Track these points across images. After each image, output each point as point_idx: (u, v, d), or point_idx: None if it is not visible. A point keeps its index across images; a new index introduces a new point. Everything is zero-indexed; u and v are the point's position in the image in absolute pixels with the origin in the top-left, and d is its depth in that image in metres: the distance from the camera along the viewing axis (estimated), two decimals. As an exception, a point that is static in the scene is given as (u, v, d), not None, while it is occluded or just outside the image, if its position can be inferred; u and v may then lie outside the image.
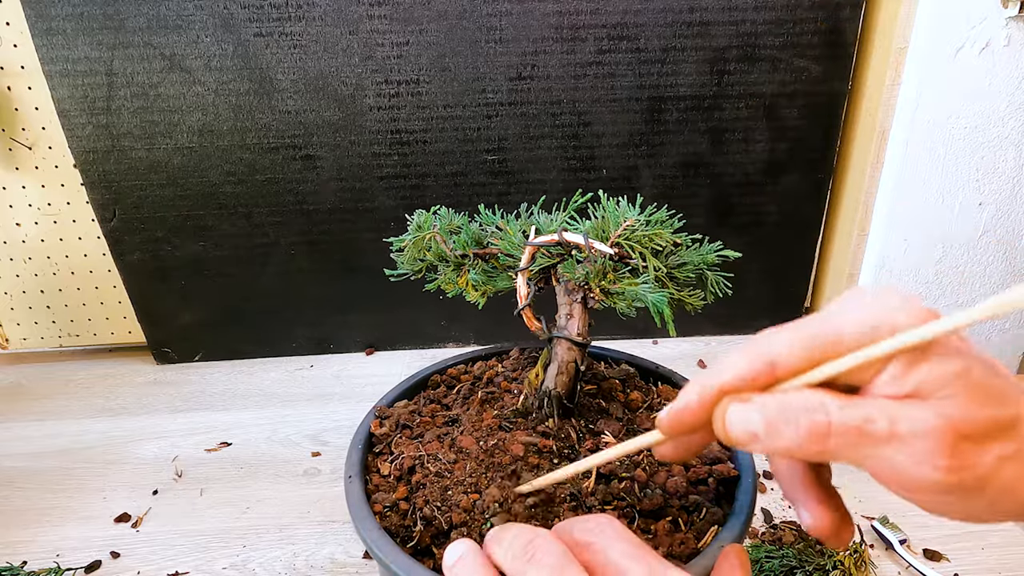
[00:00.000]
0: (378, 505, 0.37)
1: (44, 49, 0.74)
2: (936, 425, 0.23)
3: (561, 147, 0.84)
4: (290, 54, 0.77)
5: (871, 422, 0.24)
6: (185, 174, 0.82)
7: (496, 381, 0.48)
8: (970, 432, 0.23)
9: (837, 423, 0.24)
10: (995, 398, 0.24)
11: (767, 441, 0.26)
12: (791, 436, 0.25)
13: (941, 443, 0.23)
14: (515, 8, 0.77)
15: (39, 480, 0.68)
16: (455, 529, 0.35)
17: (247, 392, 0.86)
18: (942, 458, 0.23)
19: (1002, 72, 0.79)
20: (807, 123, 0.85)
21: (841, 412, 0.24)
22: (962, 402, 0.23)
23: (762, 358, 0.26)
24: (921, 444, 0.23)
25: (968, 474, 0.23)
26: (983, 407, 0.23)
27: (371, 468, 0.41)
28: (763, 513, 0.61)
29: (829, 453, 0.25)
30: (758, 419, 0.26)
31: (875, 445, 0.24)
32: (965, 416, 0.23)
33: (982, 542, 0.57)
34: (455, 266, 0.47)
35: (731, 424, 0.26)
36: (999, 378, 0.24)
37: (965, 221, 0.87)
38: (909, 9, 0.77)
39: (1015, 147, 0.83)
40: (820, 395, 0.25)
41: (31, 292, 0.91)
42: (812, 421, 0.25)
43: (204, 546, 0.59)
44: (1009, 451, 0.24)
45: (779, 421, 0.25)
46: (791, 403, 0.25)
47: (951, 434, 0.23)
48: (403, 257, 0.49)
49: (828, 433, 0.25)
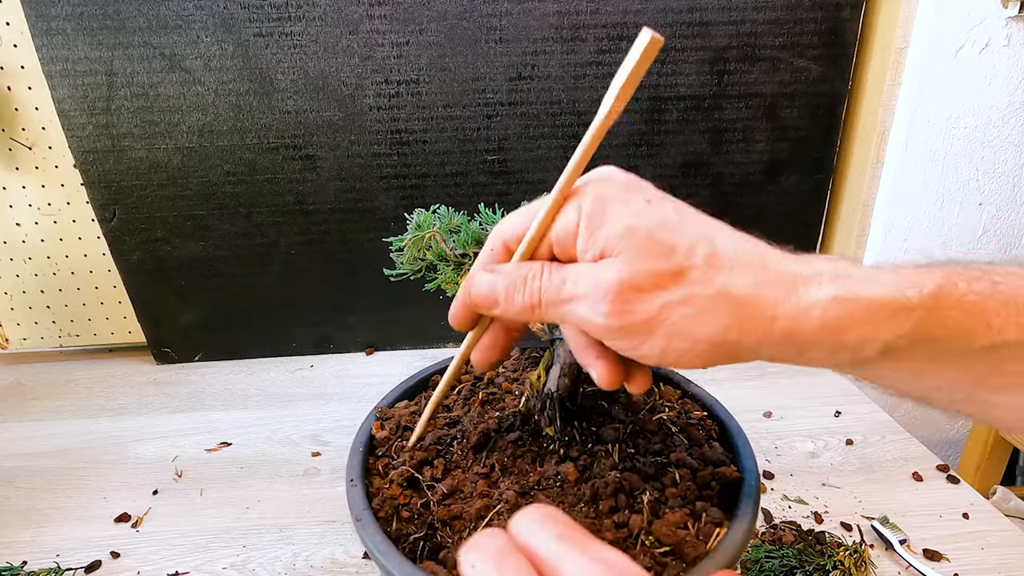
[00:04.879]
0: (381, 511, 0.37)
1: (44, 49, 0.74)
2: (601, 279, 0.27)
3: (561, 147, 0.84)
4: (290, 54, 0.77)
5: (564, 283, 0.29)
6: (185, 174, 0.82)
7: (497, 382, 0.48)
8: (634, 283, 0.27)
9: (545, 287, 0.29)
10: (660, 253, 0.27)
11: (505, 305, 0.30)
12: (520, 301, 0.30)
13: (606, 294, 0.27)
14: (515, 8, 0.77)
15: (39, 480, 0.68)
16: (455, 534, 0.35)
17: (247, 392, 0.86)
18: (604, 305, 0.27)
19: (1002, 72, 0.79)
20: (807, 123, 0.85)
21: (549, 279, 0.29)
22: (629, 257, 0.27)
23: (497, 236, 0.32)
24: (592, 297, 0.28)
25: (631, 318, 0.27)
26: (646, 261, 0.27)
27: (372, 471, 0.41)
28: (763, 513, 0.61)
29: (543, 314, 0.30)
30: (500, 285, 0.30)
31: (567, 303, 0.29)
32: (628, 270, 0.27)
33: (982, 542, 0.57)
34: (455, 265, 0.47)
35: (477, 288, 0.31)
36: (670, 231, 0.28)
37: (965, 221, 0.87)
38: (909, 9, 0.77)
39: (1015, 147, 0.83)
40: (539, 265, 0.30)
41: (31, 292, 0.91)
42: (531, 288, 0.29)
43: (204, 546, 0.59)
44: (676, 297, 0.27)
45: (513, 288, 0.30)
46: (520, 271, 0.30)
47: (615, 285, 0.27)
48: (402, 257, 0.49)
49: (539, 297, 0.29)
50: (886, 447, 0.71)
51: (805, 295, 0.26)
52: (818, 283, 0.26)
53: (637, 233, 0.27)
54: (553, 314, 0.29)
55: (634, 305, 0.27)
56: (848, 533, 0.58)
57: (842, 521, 0.60)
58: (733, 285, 0.26)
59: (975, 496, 0.63)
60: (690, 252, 0.27)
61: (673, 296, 0.27)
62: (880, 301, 0.26)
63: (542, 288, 0.29)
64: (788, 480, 0.66)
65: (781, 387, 0.83)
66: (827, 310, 0.26)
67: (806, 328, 0.26)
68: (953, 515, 0.61)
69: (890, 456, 0.69)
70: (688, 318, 0.27)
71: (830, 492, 0.64)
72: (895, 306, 0.26)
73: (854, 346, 0.26)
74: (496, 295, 0.30)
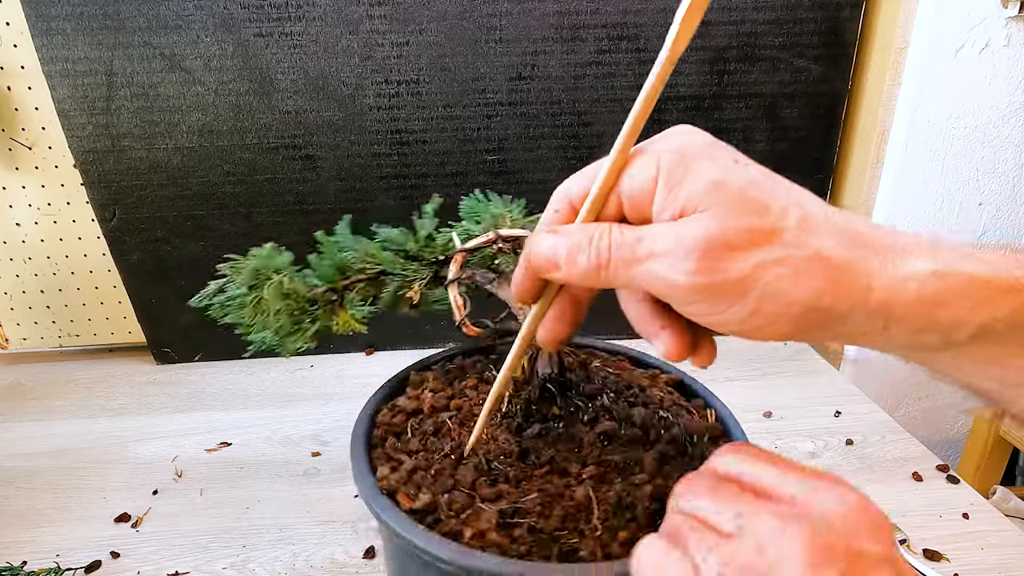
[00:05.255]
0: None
1: (44, 49, 0.74)
2: (685, 235, 0.25)
3: (561, 147, 0.84)
4: (290, 54, 0.77)
5: (639, 240, 0.27)
6: (185, 174, 0.82)
7: (445, 408, 0.45)
8: (725, 240, 0.25)
9: (616, 244, 0.27)
10: (753, 210, 0.25)
11: (567, 269, 0.28)
12: (584, 263, 0.28)
13: (692, 250, 0.25)
14: (515, 8, 0.77)
15: (39, 480, 0.68)
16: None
17: (247, 392, 0.86)
18: (691, 262, 0.25)
19: (1002, 72, 0.79)
20: (807, 123, 0.85)
21: (620, 236, 0.27)
22: (719, 212, 0.25)
23: (561, 196, 0.30)
24: (674, 254, 0.26)
25: (723, 276, 0.25)
26: (738, 218, 0.25)
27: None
28: (763, 513, 0.61)
29: (611, 278, 0.27)
30: (563, 245, 0.28)
31: (642, 262, 0.26)
32: (719, 225, 0.25)
33: (982, 542, 0.57)
34: (324, 305, 0.45)
35: (537, 249, 0.29)
36: (764, 190, 0.26)
37: (965, 221, 0.87)
38: (909, 9, 0.77)
39: (1015, 147, 0.83)
40: (607, 225, 0.28)
41: (31, 292, 0.91)
42: (598, 247, 0.27)
43: (204, 546, 0.59)
44: (770, 257, 0.25)
45: (576, 249, 0.28)
46: (586, 230, 0.28)
47: (703, 241, 0.25)
48: (242, 317, 0.44)
49: (608, 256, 0.27)
50: (886, 447, 0.71)
51: (902, 266, 0.25)
52: (915, 254, 0.25)
53: (727, 189, 0.25)
54: (623, 275, 0.27)
55: (725, 263, 0.25)
56: (848, 533, 0.58)
57: (842, 521, 0.60)
58: (828, 249, 0.25)
59: (975, 496, 0.63)
60: (783, 213, 0.25)
61: (768, 255, 0.25)
62: (983, 279, 0.24)
63: (612, 246, 0.27)
64: (788, 480, 0.66)
65: (781, 387, 0.83)
66: (925, 283, 0.24)
67: (902, 301, 0.25)
68: (953, 515, 0.61)
69: (890, 456, 0.69)
70: (783, 279, 0.25)
71: (830, 492, 0.64)
72: (1000, 285, 0.24)
73: (947, 325, 0.25)
74: (558, 257, 0.28)
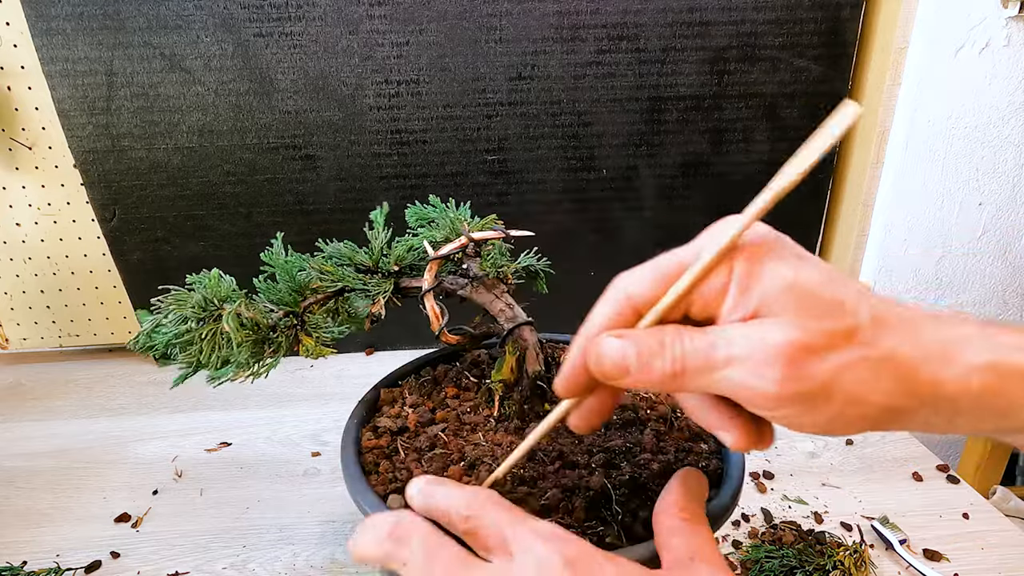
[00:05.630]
0: None
1: (44, 49, 0.74)
2: (765, 340, 0.24)
3: (561, 147, 0.84)
4: (290, 54, 0.77)
5: (714, 347, 0.26)
6: (185, 174, 0.82)
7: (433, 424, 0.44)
8: (806, 345, 0.24)
9: (690, 351, 0.26)
10: (829, 310, 0.25)
11: (637, 375, 0.27)
12: (659, 370, 0.26)
13: (776, 357, 0.24)
14: (515, 8, 0.77)
15: (39, 480, 0.68)
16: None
17: (247, 392, 0.86)
18: (774, 371, 0.24)
19: (1002, 72, 0.79)
20: (807, 123, 0.85)
21: (692, 343, 0.26)
22: (794, 317, 0.25)
23: (620, 295, 0.28)
24: (754, 360, 0.25)
25: (806, 384, 0.24)
26: (815, 320, 0.24)
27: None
28: (763, 513, 0.61)
29: (686, 383, 0.26)
30: (632, 352, 0.27)
31: (719, 369, 0.25)
32: (798, 329, 0.24)
33: (982, 542, 0.57)
34: (283, 332, 0.45)
35: (605, 356, 0.27)
36: (835, 287, 0.25)
37: (965, 221, 0.87)
38: (909, 9, 0.77)
39: (1015, 147, 0.83)
40: (677, 328, 0.27)
41: (31, 292, 0.91)
42: (672, 354, 0.26)
43: (204, 546, 0.59)
44: (849, 359, 0.24)
45: (649, 355, 0.27)
46: (655, 335, 0.27)
47: (786, 347, 0.24)
48: (194, 354, 0.41)
49: (683, 364, 0.26)
50: (886, 447, 0.71)
51: (962, 359, 0.25)
52: (972, 347, 0.25)
53: (801, 289, 0.25)
54: (701, 383, 0.26)
55: (808, 369, 0.24)
56: (848, 533, 0.58)
57: (842, 521, 0.60)
58: (899, 347, 0.25)
59: (975, 496, 0.63)
60: (856, 310, 0.25)
61: (845, 358, 0.24)
62: None
63: (685, 353, 0.26)
64: (788, 480, 0.66)
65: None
66: (984, 377, 0.25)
67: (967, 395, 0.25)
68: (953, 515, 0.61)
69: (890, 456, 0.69)
70: (860, 383, 0.25)
71: (830, 492, 0.64)
72: None
73: (1006, 413, 0.25)
74: (628, 363, 0.27)
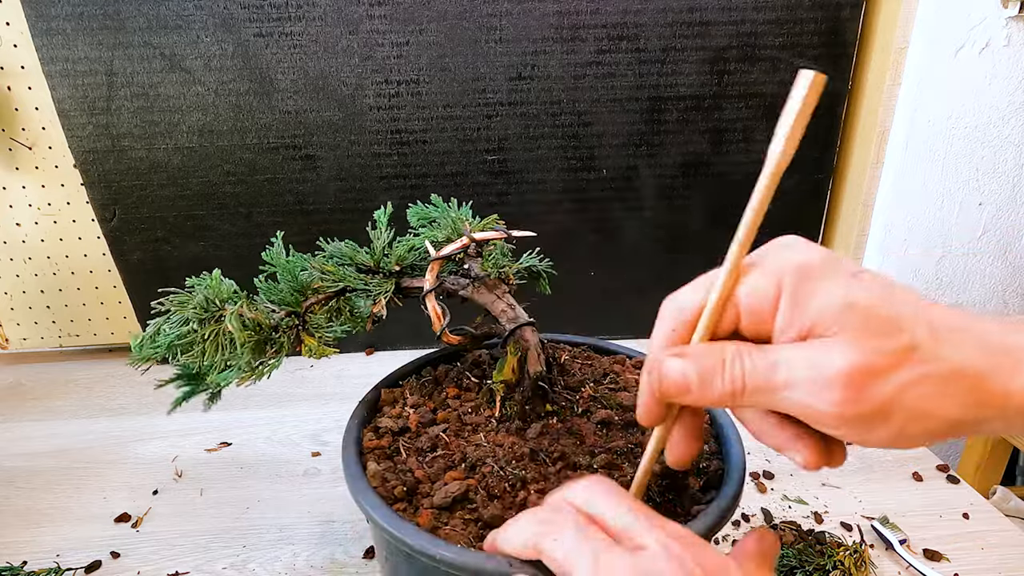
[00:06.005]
0: None
1: (44, 49, 0.74)
2: (826, 363, 0.24)
3: (561, 147, 0.84)
4: (290, 54, 0.77)
5: (774, 367, 0.26)
6: (185, 174, 0.82)
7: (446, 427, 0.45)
8: (866, 367, 0.24)
9: (749, 371, 0.26)
10: (885, 328, 0.24)
11: (698, 393, 0.27)
12: (719, 388, 0.27)
13: (835, 380, 0.24)
14: (515, 8, 0.77)
15: (39, 480, 0.68)
16: None
17: (247, 392, 0.85)
18: (835, 392, 0.24)
19: (1002, 72, 0.79)
20: (807, 123, 0.85)
21: (752, 362, 0.26)
22: (851, 337, 0.24)
23: (672, 310, 0.29)
24: (815, 382, 0.25)
25: (866, 406, 0.24)
26: (874, 340, 0.24)
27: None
28: (763, 513, 0.61)
29: (747, 401, 0.27)
30: (692, 371, 0.27)
31: (780, 390, 0.26)
32: (857, 352, 0.24)
33: (982, 542, 0.57)
34: (285, 332, 0.45)
35: (667, 376, 0.28)
36: (890, 304, 0.25)
37: (965, 221, 0.87)
38: (909, 9, 0.77)
39: (1015, 147, 0.83)
40: (737, 346, 0.27)
41: (31, 292, 0.91)
42: (732, 374, 0.26)
43: (204, 546, 0.59)
44: (911, 377, 0.24)
45: (710, 374, 0.27)
46: (715, 353, 0.27)
47: (846, 369, 0.24)
48: (197, 356, 0.41)
49: (743, 384, 0.26)
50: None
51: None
52: None
53: (858, 309, 0.25)
54: (762, 401, 0.27)
55: (869, 390, 0.24)
56: (848, 533, 0.58)
57: (842, 521, 0.60)
58: (964, 360, 0.25)
59: (975, 496, 0.63)
60: (914, 327, 0.25)
61: (908, 376, 0.24)
62: None
63: (746, 373, 0.26)
64: (788, 480, 0.66)
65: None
66: None
67: None
68: (953, 515, 0.61)
69: (890, 456, 0.69)
70: (925, 399, 0.24)
71: (830, 492, 0.64)
72: None
73: None
74: (689, 381, 0.27)
